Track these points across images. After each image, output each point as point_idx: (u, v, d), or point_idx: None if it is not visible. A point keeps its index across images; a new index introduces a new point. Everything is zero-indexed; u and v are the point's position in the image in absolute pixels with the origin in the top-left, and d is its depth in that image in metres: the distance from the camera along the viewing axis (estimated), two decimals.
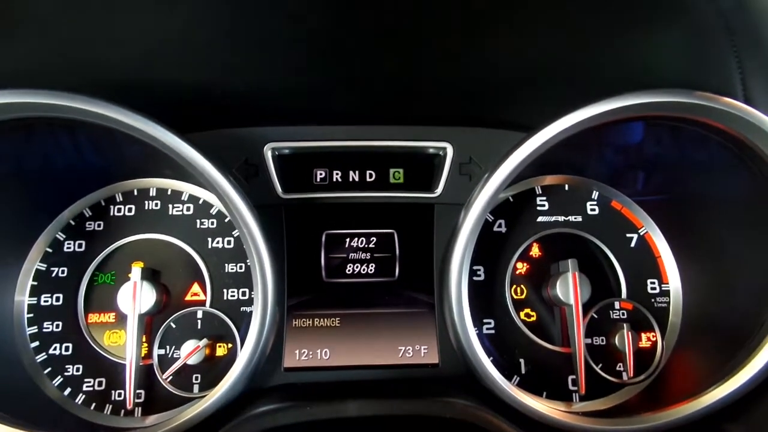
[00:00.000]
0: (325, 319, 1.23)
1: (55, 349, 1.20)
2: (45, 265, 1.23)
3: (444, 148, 1.27)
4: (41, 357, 1.20)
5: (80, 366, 1.20)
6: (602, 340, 1.25)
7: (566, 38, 1.06)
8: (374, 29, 1.03)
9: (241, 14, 0.97)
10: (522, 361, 1.24)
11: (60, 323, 1.21)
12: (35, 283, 1.22)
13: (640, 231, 1.33)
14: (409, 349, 1.21)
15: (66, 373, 1.19)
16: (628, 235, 1.33)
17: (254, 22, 0.99)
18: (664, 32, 1.02)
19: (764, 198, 1.07)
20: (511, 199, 1.33)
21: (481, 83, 1.20)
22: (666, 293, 1.30)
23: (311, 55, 1.08)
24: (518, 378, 1.23)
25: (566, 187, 1.35)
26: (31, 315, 1.21)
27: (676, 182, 1.27)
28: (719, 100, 1.00)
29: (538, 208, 1.33)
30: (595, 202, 1.34)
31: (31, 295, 1.22)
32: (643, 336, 1.25)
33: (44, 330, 1.21)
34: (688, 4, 0.96)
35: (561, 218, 1.32)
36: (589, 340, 1.24)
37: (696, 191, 1.24)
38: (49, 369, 1.19)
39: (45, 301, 1.22)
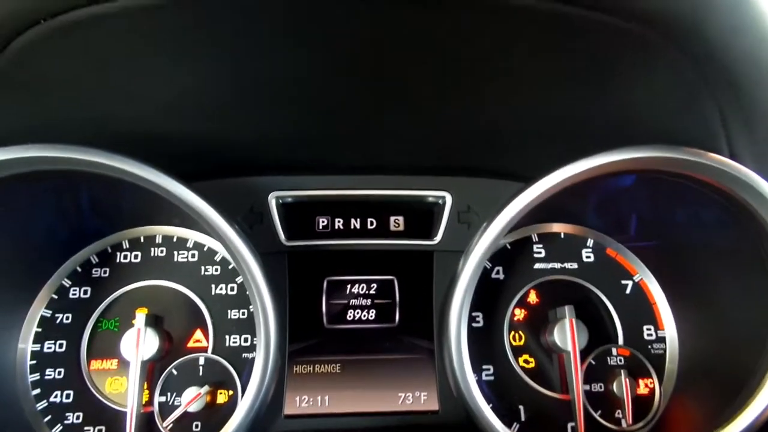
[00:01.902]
0: (326, 366, 1.23)
1: (56, 396, 1.20)
2: (50, 312, 1.24)
3: (443, 197, 1.30)
4: (42, 405, 1.19)
5: (80, 414, 1.19)
6: (601, 387, 1.25)
7: (559, 94, 1.10)
8: (375, 86, 1.07)
9: (248, 73, 1.01)
10: (521, 407, 1.25)
11: (62, 370, 1.21)
12: (39, 329, 1.23)
13: (634, 278, 1.36)
14: (409, 395, 1.22)
15: (66, 422, 1.19)
16: (623, 281, 1.35)
17: (260, 80, 1.03)
18: (648, 87, 1.06)
19: (754, 248, 1.10)
20: (509, 247, 1.36)
21: (479, 136, 1.24)
22: (662, 339, 1.31)
23: (314, 110, 1.13)
24: (518, 425, 1.23)
25: (562, 235, 1.38)
26: (34, 362, 1.21)
27: (669, 231, 1.30)
28: (706, 155, 1.03)
29: (535, 255, 1.36)
30: (590, 250, 1.37)
31: (34, 342, 1.22)
32: (641, 382, 1.26)
33: (46, 377, 1.20)
34: (669, 58, 1.00)
35: (557, 265, 1.35)
36: (587, 387, 1.24)
37: (688, 240, 1.27)
38: (49, 417, 1.18)
39: (48, 348, 1.22)
